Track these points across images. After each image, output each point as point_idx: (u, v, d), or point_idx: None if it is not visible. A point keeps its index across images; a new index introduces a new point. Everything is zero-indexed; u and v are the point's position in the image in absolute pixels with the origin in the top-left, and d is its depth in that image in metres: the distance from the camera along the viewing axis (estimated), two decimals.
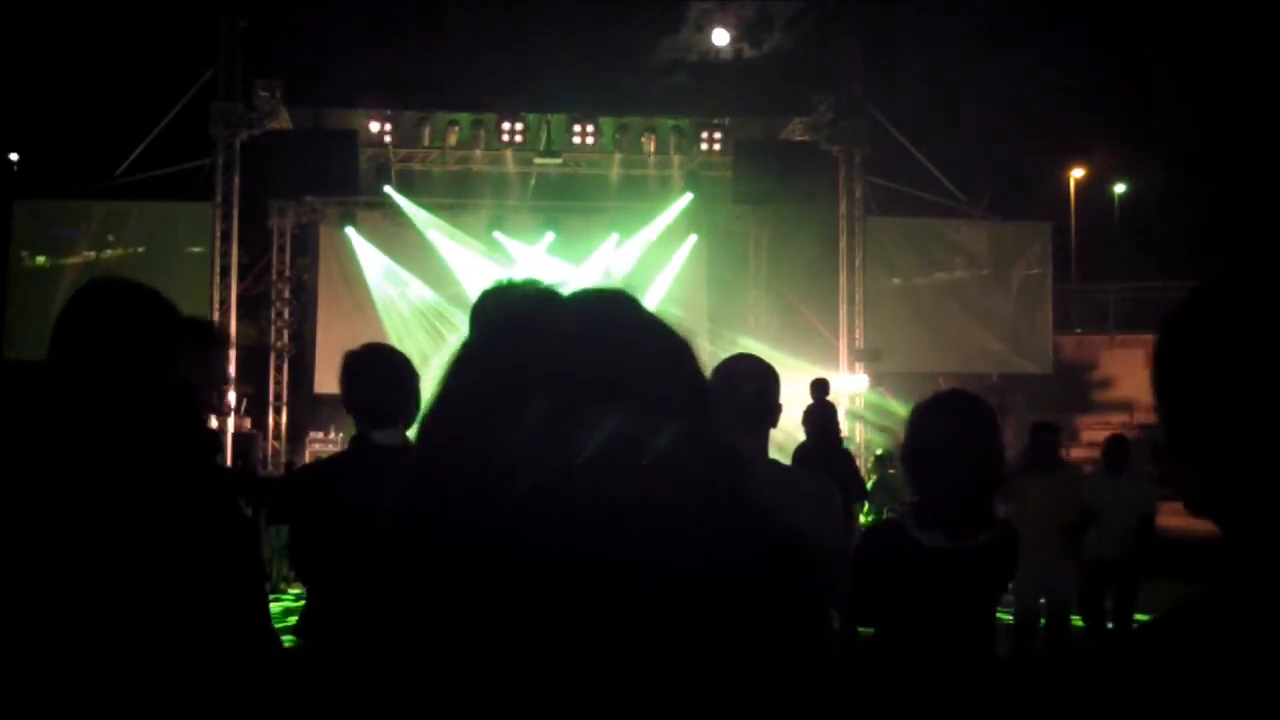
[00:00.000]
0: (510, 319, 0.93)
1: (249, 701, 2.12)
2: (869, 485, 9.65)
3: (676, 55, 16.11)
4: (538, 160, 17.04)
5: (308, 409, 16.96)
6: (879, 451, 11.33)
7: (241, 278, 16.49)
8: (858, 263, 16.66)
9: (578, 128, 16.47)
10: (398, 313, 17.20)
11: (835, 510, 2.88)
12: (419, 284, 17.20)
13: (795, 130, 16.99)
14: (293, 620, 3.41)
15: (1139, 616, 7.15)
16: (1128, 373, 17.53)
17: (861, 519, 8.47)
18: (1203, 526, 0.91)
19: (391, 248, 17.20)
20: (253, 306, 17.55)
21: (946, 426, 2.73)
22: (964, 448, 2.68)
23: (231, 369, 15.88)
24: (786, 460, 5.42)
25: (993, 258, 16.94)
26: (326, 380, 16.19)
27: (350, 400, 3.15)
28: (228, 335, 15.77)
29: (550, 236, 17.19)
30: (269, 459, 16.42)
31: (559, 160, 17.01)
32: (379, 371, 3.15)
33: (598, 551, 0.80)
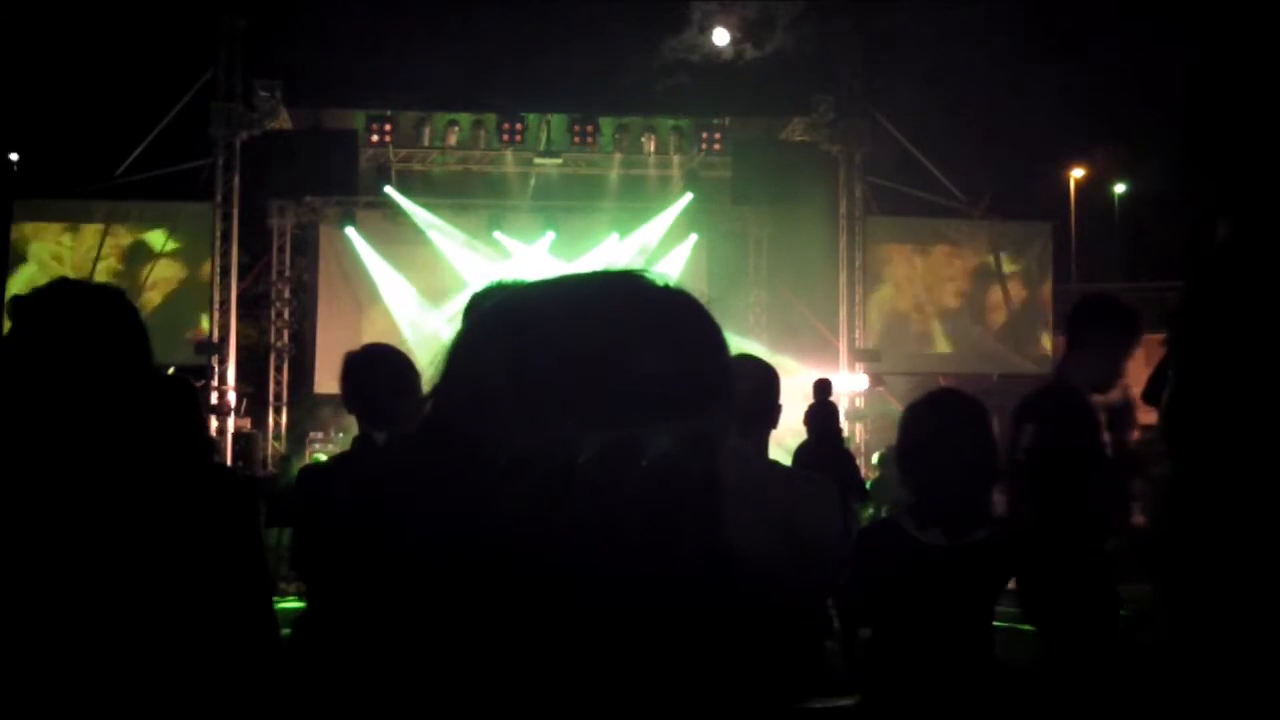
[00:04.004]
0: (501, 307, 0.90)
1: (249, 697, 2.13)
2: (870, 483, 9.68)
3: (679, 56, 16.09)
4: (538, 160, 17.04)
5: (308, 409, 16.95)
6: (882, 450, 11.35)
7: (241, 278, 16.49)
8: (858, 263, 16.66)
9: (578, 128, 16.49)
10: (397, 313, 17.20)
11: (834, 510, 2.88)
12: (419, 284, 17.21)
13: (795, 130, 16.98)
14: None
15: None
16: (1128, 373, 17.50)
17: (865, 516, 8.52)
18: None
19: (391, 248, 17.19)
20: (253, 306, 17.55)
21: (939, 424, 2.74)
22: (958, 444, 2.69)
23: (231, 369, 15.91)
24: (787, 460, 5.44)
25: (993, 258, 16.94)
26: (326, 380, 16.18)
27: (351, 401, 3.16)
28: (228, 336, 15.80)
29: (550, 236, 17.20)
30: (269, 459, 16.41)
31: (559, 160, 17.02)
32: (380, 372, 3.16)
33: (583, 556, 0.79)
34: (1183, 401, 0.92)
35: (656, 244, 17.31)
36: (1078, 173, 24.48)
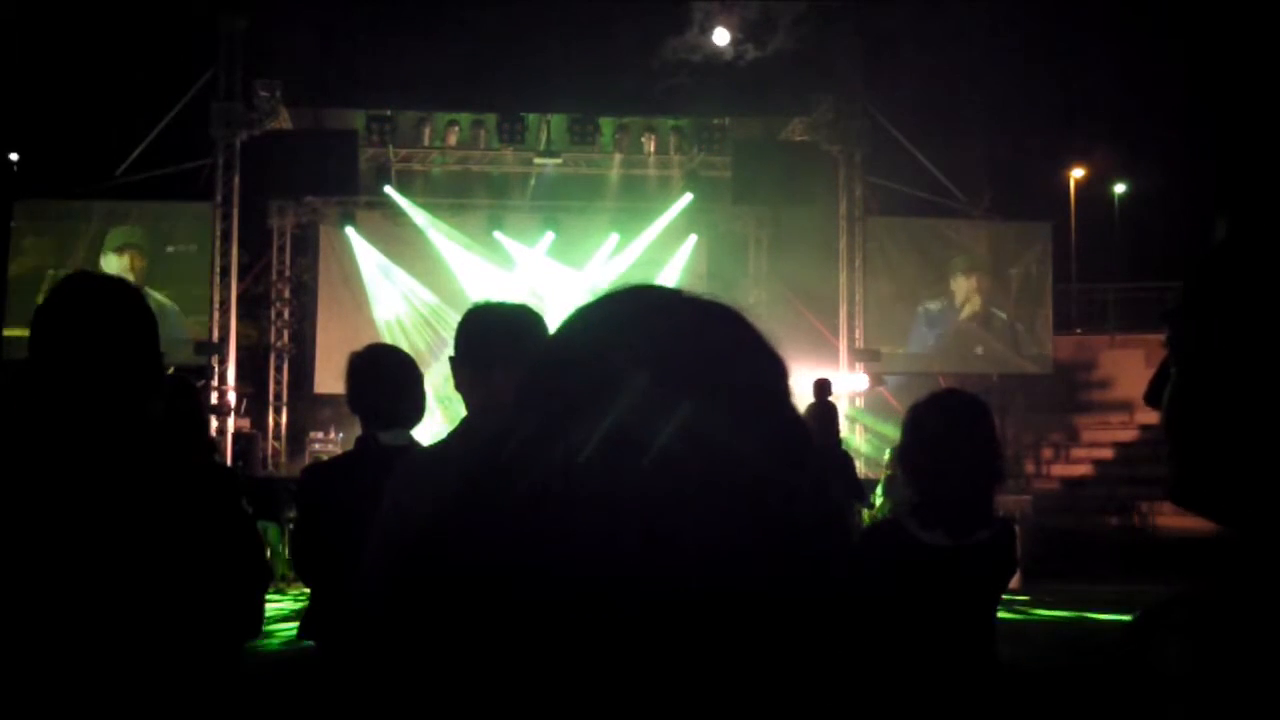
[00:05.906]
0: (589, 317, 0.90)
1: (231, 690, 2.13)
2: (882, 481, 9.69)
3: (679, 56, 16.07)
4: (538, 160, 17.05)
5: (308, 409, 16.96)
6: (893, 448, 11.34)
7: (241, 278, 16.49)
8: (858, 263, 16.66)
9: (577, 128, 16.49)
10: (397, 313, 17.21)
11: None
12: (419, 284, 17.22)
13: (795, 130, 16.99)
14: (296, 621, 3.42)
15: None
16: (1127, 373, 17.53)
17: (869, 516, 8.55)
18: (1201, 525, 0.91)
19: (391, 248, 17.21)
20: (253, 306, 17.55)
21: (942, 424, 2.73)
22: (961, 445, 2.69)
23: (231, 369, 15.91)
24: None
25: (993, 258, 16.94)
26: (326, 380, 16.19)
27: (355, 402, 3.17)
28: (228, 336, 15.79)
29: (550, 236, 17.20)
30: (269, 459, 16.42)
31: (559, 160, 17.02)
32: (384, 373, 3.17)
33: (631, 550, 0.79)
34: (1184, 402, 0.91)
35: (656, 244, 17.32)
36: (1078, 173, 24.49)
